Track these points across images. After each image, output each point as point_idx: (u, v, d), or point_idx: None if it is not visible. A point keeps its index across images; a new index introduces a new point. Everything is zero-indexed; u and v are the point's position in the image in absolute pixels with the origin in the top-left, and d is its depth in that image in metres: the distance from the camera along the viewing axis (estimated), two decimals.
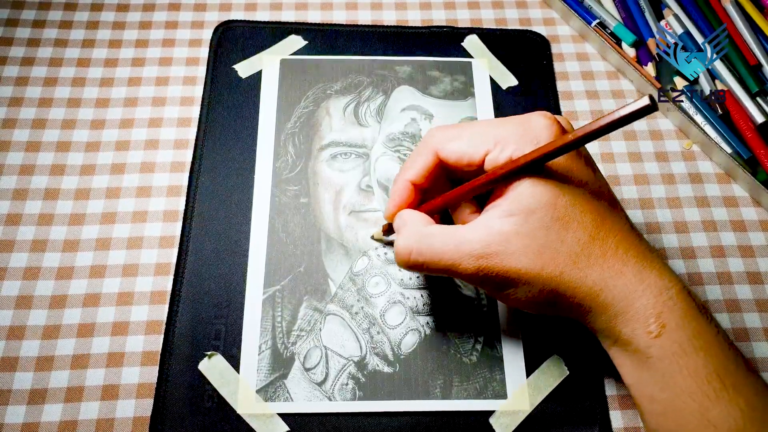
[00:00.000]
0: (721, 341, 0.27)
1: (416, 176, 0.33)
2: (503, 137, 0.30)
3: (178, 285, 0.38)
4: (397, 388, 0.36)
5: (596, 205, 0.29)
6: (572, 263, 0.28)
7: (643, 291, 0.28)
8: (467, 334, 0.37)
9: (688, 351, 0.27)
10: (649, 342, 0.27)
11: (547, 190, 0.28)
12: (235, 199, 0.41)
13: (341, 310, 0.38)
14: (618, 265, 0.28)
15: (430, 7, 0.50)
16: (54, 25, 0.47)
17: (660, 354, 0.27)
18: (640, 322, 0.27)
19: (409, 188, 0.33)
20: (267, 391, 0.35)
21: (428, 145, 0.32)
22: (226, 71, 0.46)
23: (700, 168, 0.44)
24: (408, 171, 0.33)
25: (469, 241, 0.29)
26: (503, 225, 0.28)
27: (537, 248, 0.28)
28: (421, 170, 0.32)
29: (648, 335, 0.27)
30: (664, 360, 0.27)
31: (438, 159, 0.32)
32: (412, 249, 0.30)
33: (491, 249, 0.28)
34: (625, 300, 0.28)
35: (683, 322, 0.27)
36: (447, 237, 0.30)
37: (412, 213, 0.33)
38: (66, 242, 0.40)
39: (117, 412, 0.35)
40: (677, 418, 0.27)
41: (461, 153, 0.31)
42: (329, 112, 0.44)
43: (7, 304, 0.38)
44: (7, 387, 0.35)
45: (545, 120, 0.30)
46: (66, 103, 0.44)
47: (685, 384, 0.26)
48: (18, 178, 0.42)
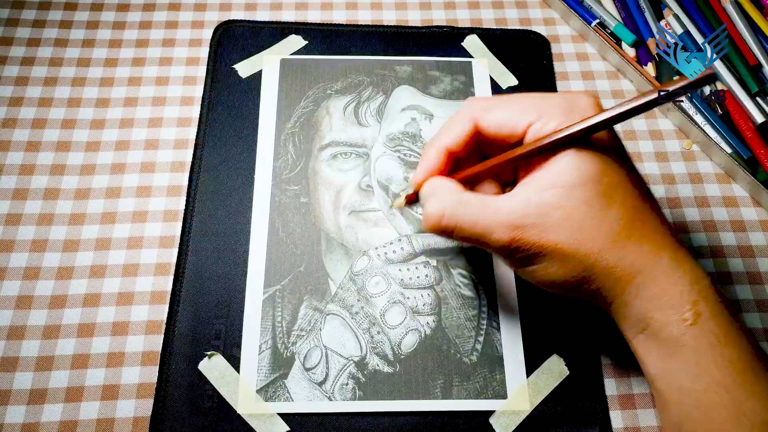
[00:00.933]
0: (750, 334, 0.27)
1: (454, 143, 0.31)
2: (548, 109, 0.29)
3: (178, 285, 0.38)
4: (397, 388, 0.36)
5: (636, 188, 0.28)
6: (611, 242, 0.27)
7: (680, 277, 0.27)
8: (467, 334, 0.37)
9: (723, 342, 0.26)
10: (683, 330, 0.26)
11: (592, 165, 0.27)
12: (235, 199, 0.41)
13: (341, 309, 0.38)
14: (656, 249, 0.27)
15: (430, 7, 0.50)
16: (54, 25, 0.47)
17: (694, 343, 0.26)
18: (676, 308, 0.27)
19: (444, 155, 0.31)
20: (267, 391, 0.35)
21: (467, 113, 0.31)
22: (226, 71, 0.46)
23: (700, 168, 0.44)
24: (445, 137, 0.31)
25: (505, 211, 0.28)
26: (544, 197, 0.27)
27: (577, 223, 0.27)
28: (459, 137, 0.31)
29: (683, 322, 0.26)
30: (698, 350, 0.26)
31: (476, 128, 0.31)
32: (446, 212, 0.29)
33: (529, 220, 0.27)
34: (662, 285, 0.27)
35: (718, 312, 0.27)
36: (483, 204, 0.29)
37: (444, 179, 0.31)
38: (66, 242, 0.40)
39: (117, 412, 0.35)
40: (708, 410, 0.26)
41: (503, 122, 0.29)
42: (329, 111, 0.44)
43: (7, 304, 0.38)
44: (7, 387, 0.35)
45: (590, 98, 0.29)
46: (66, 103, 0.44)
47: (719, 375, 0.26)
48: (18, 178, 0.41)
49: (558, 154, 0.28)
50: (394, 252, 0.39)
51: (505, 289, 0.39)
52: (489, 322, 0.38)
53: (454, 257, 0.40)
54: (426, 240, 0.40)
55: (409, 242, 0.40)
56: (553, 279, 0.29)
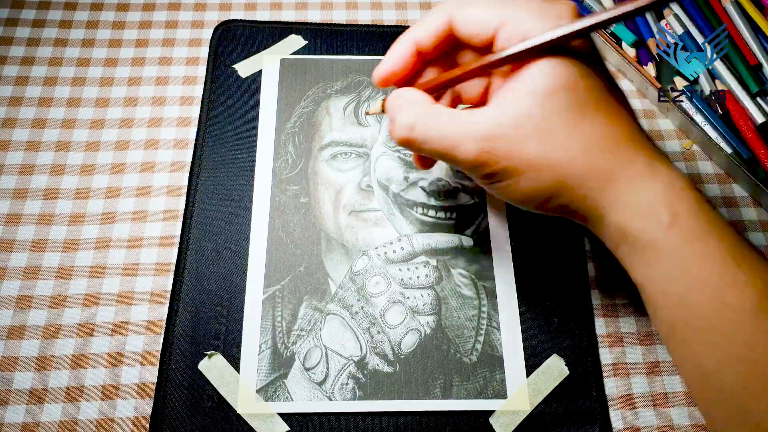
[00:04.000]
0: (730, 229, 0.27)
1: (424, 37, 0.30)
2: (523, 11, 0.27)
3: (178, 285, 0.38)
4: (397, 388, 0.36)
5: (612, 96, 0.28)
6: (584, 151, 0.26)
7: (653, 181, 0.27)
8: (467, 334, 0.37)
9: (701, 237, 0.26)
10: (660, 233, 0.26)
11: (566, 73, 0.26)
12: (235, 198, 0.41)
13: (341, 309, 0.38)
14: (630, 155, 0.27)
15: (430, 7, 0.50)
16: (54, 25, 0.47)
17: (672, 244, 0.26)
18: (651, 213, 0.26)
19: (411, 48, 0.30)
20: (267, 391, 0.35)
21: (443, 7, 0.29)
22: (226, 71, 0.46)
23: (700, 168, 0.44)
24: (416, 29, 0.30)
25: (475, 123, 0.27)
26: (515, 107, 0.26)
27: (549, 133, 0.26)
28: (430, 31, 0.29)
29: (660, 226, 0.26)
30: (677, 250, 0.26)
31: (449, 27, 0.29)
32: (416, 123, 0.28)
33: (499, 131, 0.26)
34: (636, 191, 0.27)
35: (694, 209, 0.26)
36: (453, 116, 0.28)
37: (413, 90, 0.30)
38: (66, 242, 0.40)
39: (117, 412, 0.35)
40: (694, 308, 0.26)
41: (476, 20, 0.28)
42: (329, 111, 0.44)
43: (7, 304, 0.38)
44: (7, 387, 0.35)
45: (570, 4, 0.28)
46: (66, 102, 0.44)
47: (699, 272, 0.26)
48: (18, 177, 0.41)
49: (529, 63, 0.27)
50: (394, 252, 0.39)
51: (505, 289, 0.39)
52: (489, 322, 0.38)
53: (454, 257, 0.40)
54: (426, 240, 0.40)
55: (409, 242, 0.40)
56: (525, 193, 0.28)
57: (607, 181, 0.27)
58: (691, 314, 0.26)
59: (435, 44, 0.30)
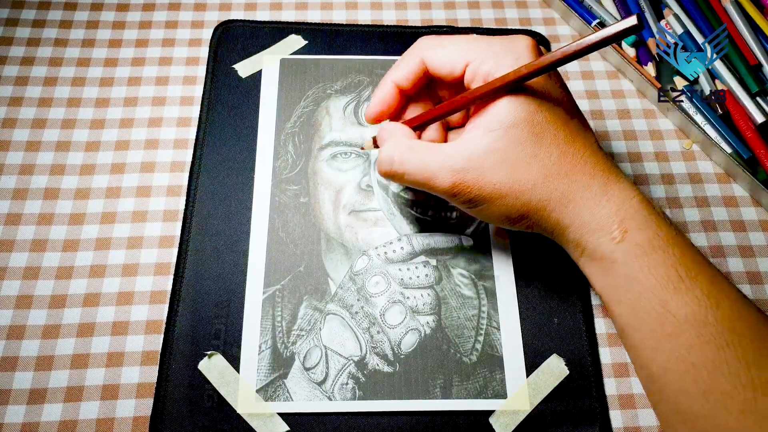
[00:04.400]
0: (680, 242, 0.29)
1: (402, 78, 0.33)
2: (486, 51, 0.31)
3: (178, 285, 0.38)
4: (396, 388, 0.36)
5: (569, 124, 0.31)
6: (543, 177, 0.30)
7: (607, 201, 0.29)
8: (467, 333, 0.37)
9: (648, 251, 0.28)
10: (613, 247, 0.29)
11: (524, 107, 0.30)
12: (235, 198, 0.41)
13: (341, 309, 0.38)
14: (586, 179, 0.30)
15: (430, 7, 0.50)
16: (54, 25, 0.47)
17: (623, 258, 0.29)
18: (605, 230, 0.29)
19: (393, 90, 0.34)
20: (267, 391, 0.35)
21: (415, 49, 0.33)
22: (226, 71, 0.46)
23: (700, 168, 0.44)
24: (394, 72, 0.34)
25: (449, 156, 0.30)
26: (481, 141, 0.30)
27: (511, 163, 0.30)
28: (407, 73, 0.33)
29: (612, 241, 0.29)
30: (627, 263, 0.29)
31: (424, 65, 0.33)
32: (396, 158, 0.32)
33: (469, 164, 0.30)
34: (591, 210, 0.30)
35: (644, 226, 0.29)
36: (429, 150, 0.31)
37: (397, 125, 0.34)
38: (66, 242, 0.40)
39: (117, 412, 0.35)
40: (641, 315, 0.28)
41: (445, 61, 0.32)
42: (329, 111, 0.44)
43: (7, 304, 0.38)
44: (7, 387, 0.35)
45: (528, 41, 0.31)
46: (66, 102, 0.44)
47: (646, 282, 0.28)
48: (18, 177, 0.42)
49: (496, 100, 0.30)
50: (393, 252, 0.39)
51: (505, 289, 0.39)
52: (489, 322, 0.38)
53: (454, 257, 0.40)
54: (426, 240, 0.40)
55: (408, 242, 0.40)
56: (498, 216, 0.31)
57: (566, 204, 0.30)
58: (640, 321, 0.29)
59: (413, 83, 0.34)
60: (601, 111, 0.46)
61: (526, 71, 0.29)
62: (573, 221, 0.30)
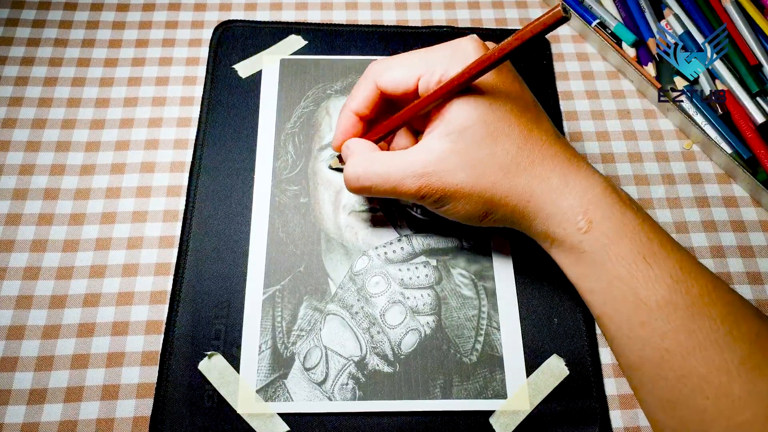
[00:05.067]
0: (647, 228, 0.29)
1: (359, 107, 0.35)
2: (433, 60, 0.31)
3: (178, 285, 0.38)
4: (397, 388, 0.36)
5: (524, 119, 0.31)
6: (503, 174, 0.30)
7: (569, 192, 0.30)
8: (467, 334, 0.37)
9: (615, 240, 0.29)
10: (580, 237, 0.29)
11: (476, 108, 0.30)
12: (235, 199, 0.41)
13: (341, 309, 0.38)
14: (545, 172, 0.30)
15: (430, 7, 0.50)
16: (54, 25, 0.47)
17: (591, 247, 0.29)
18: (570, 221, 0.30)
19: (354, 118, 0.35)
20: (267, 391, 0.35)
21: (368, 76, 0.34)
22: (226, 71, 0.46)
23: (700, 168, 0.44)
24: (351, 102, 0.35)
25: (411, 162, 0.31)
26: (440, 145, 0.31)
27: (470, 163, 0.30)
28: (363, 101, 0.34)
29: (578, 231, 0.29)
30: (595, 252, 0.29)
31: (378, 89, 0.34)
32: (360, 173, 0.32)
33: (430, 168, 0.31)
34: (553, 203, 0.30)
35: (609, 214, 0.29)
36: (391, 160, 0.32)
37: (358, 141, 0.35)
38: (66, 242, 0.40)
39: (117, 412, 0.35)
40: (614, 304, 0.29)
41: (397, 81, 0.33)
42: (329, 112, 0.44)
43: (7, 304, 0.38)
44: (7, 387, 0.35)
45: (473, 42, 0.31)
46: (66, 103, 0.44)
47: (615, 270, 0.28)
48: (18, 178, 0.42)
49: (449, 103, 0.31)
50: (393, 252, 0.39)
51: (505, 289, 0.39)
52: (489, 322, 0.38)
53: (454, 257, 0.40)
54: (426, 240, 0.40)
55: (408, 242, 0.40)
56: (464, 214, 0.32)
57: (528, 198, 0.30)
58: (613, 310, 0.29)
59: (370, 109, 0.35)
60: (601, 111, 0.46)
61: (468, 72, 0.29)
62: (537, 214, 0.31)
